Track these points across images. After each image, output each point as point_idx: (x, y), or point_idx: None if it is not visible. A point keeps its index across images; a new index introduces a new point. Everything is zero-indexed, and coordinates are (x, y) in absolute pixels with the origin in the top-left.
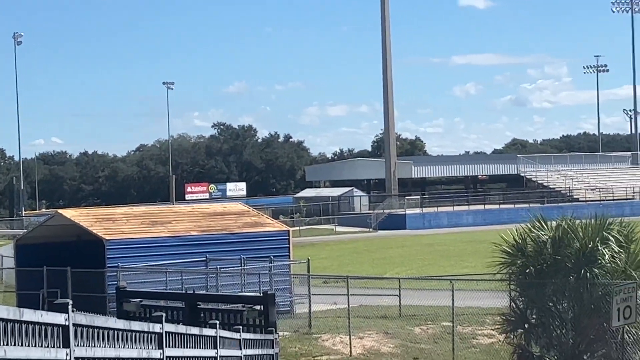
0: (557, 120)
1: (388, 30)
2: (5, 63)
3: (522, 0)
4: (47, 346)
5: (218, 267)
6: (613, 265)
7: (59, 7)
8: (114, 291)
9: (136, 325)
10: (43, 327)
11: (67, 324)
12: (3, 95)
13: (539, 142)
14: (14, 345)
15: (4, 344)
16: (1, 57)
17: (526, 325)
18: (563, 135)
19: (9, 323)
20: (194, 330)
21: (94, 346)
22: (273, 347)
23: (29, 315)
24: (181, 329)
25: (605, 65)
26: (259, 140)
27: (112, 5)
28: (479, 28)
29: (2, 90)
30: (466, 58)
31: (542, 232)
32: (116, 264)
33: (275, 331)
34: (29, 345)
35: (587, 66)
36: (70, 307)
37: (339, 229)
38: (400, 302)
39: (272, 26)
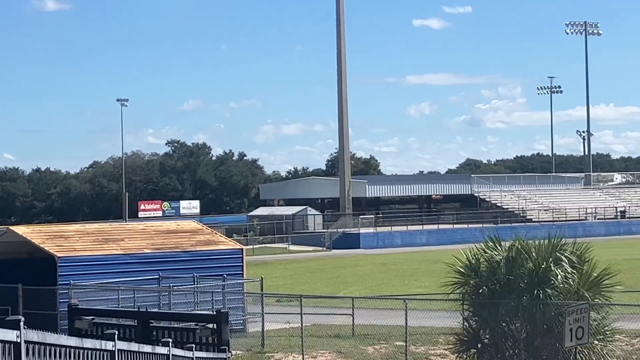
0: (510, 140)
1: (343, 49)
2: None
3: (477, 20)
4: None
5: (171, 285)
6: (566, 285)
7: (13, 21)
8: (66, 309)
9: (88, 343)
10: None
11: (18, 340)
12: None
13: (492, 163)
14: None
15: None
16: None
17: (479, 345)
18: (517, 156)
19: None
20: (147, 348)
21: None
22: None
23: None
24: (134, 346)
25: (559, 87)
26: (213, 158)
27: (66, 20)
28: (433, 48)
29: None
30: (421, 78)
31: (496, 253)
32: (68, 282)
33: (228, 350)
34: None
35: (541, 87)
36: (22, 323)
37: (293, 247)
38: (353, 322)
39: (227, 44)
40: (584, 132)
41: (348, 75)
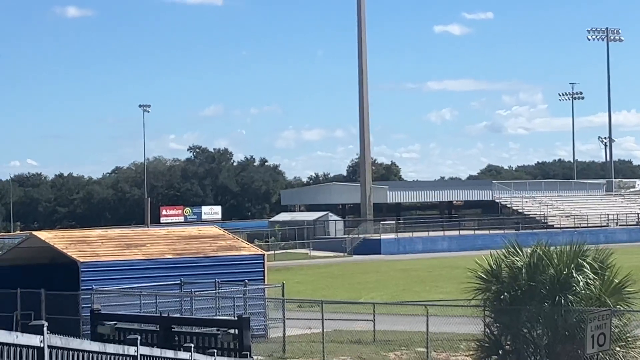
0: (532, 146)
1: (364, 55)
2: None
3: (498, 26)
4: None
5: (192, 290)
6: (588, 292)
7: (36, 27)
8: (88, 314)
9: (111, 348)
10: (18, 349)
11: (42, 345)
12: None
13: (514, 169)
14: None
15: None
16: None
17: (500, 352)
18: (538, 162)
19: None
20: (169, 354)
21: None
22: None
23: (4, 336)
24: (156, 352)
25: (581, 93)
26: (235, 163)
27: (89, 26)
28: (454, 54)
29: None
30: (442, 84)
31: (517, 259)
32: (90, 287)
33: (250, 355)
34: None
35: (562, 93)
36: (45, 328)
37: (314, 253)
38: (374, 327)
39: (247, 49)
40: (605, 138)
41: (369, 81)
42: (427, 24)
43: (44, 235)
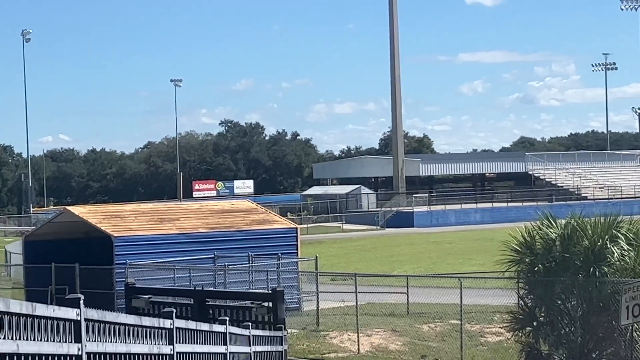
0: (565, 118)
1: (396, 28)
2: (14, 60)
3: None
4: (59, 341)
5: (226, 264)
6: (622, 263)
7: (67, 4)
8: (122, 288)
9: (147, 321)
10: (55, 322)
11: (78, 319)
12: (11, 93)
13: (547, 140)
14: (27, 339)
15: (16, 339)
16: (10, 54)
17: (534, 323)
18: (571, 134)
19: (21, 317)
20: (204, 327)
21: (105, 341)
22: (282, 344)
23: (42, 310)
24: (191, 325)
25: (614, 63)
26: (267, 137)
27: (120, 2)
28: (486, 26)
29: (11, 87)
30: (473, 56)
31: (551, 230)
32: (124, 261)
33: (284, 328)
34: (41, 340)
35: (595, 64)
36: (82, 302)
37: (347, 226)
38: (408, 300)
39: (279, 23)
40: (639, 108)
41: (400, 54)
42: None
43: (77, 210)
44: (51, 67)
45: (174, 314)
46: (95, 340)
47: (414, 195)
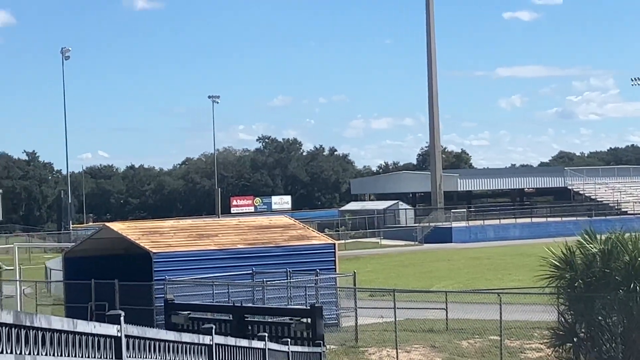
0: (604, 132)
1: (433, 43)
2: (53, 77)
3: (567, 11)
4: (100, 357)
5: (264, 279)
6: None
7: (105, 21)
8: (161, 304)
9: (186, 337)
10: (96, 338)
11: (119, 335)
12: (51, 110)
13: (586, 155)
14: (68, 356)
15: (58, 355)
16: (49, 71)
17: (575, 339)
18: (610, 148)
19: (62, 334)
20: (243, 343)
21: (146, 357)
22: None
23: (83, 326)
24: (230, 341)
25: None
26: (304, 153)
27: (158, 19)
28: (523, 40)
29: (50, 104)
30: (511, 70)
31: (591, 246)
32: (163, 277)
33: (323, 344)
34: (82, 357)
35: (634, 78)
36: (122, 318)
37: (385, 242)
38: (447, 316)
39: (315, 40)
40: None
41: (438, 69)
42: (496, 11)
43: (116, 226)
44: (90, 85)
45: (213, 330)
46: (135, 357)
47: (452, 210)
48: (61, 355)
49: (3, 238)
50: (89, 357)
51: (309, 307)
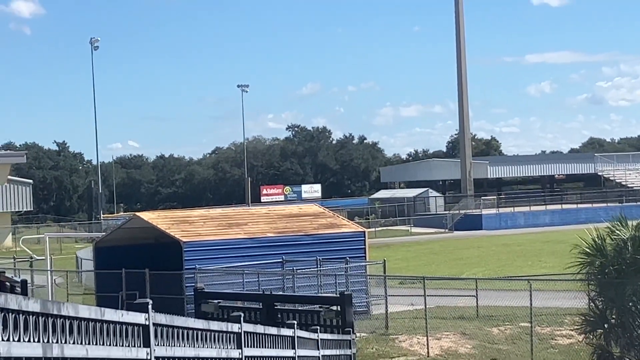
0: (634, 118)
1: (462, 30)
2: (83, 68)
3: None
4: (128, 345)
5: (294, 268)
6: None
7: (135, 11)
8: (192, 292)
9: (215, 325)
10: (124, 327)
11: (147, 323)
12: (81, 100)
13: (616, 141)
14: (96, 344)
15: (85, 343)
16: (79, 61)
17: (606, 326)
18: None
19: (90, 322)
20: (272, 331)
21: (174, 346)
22: (350, 348)
23: (110, 314)
24: (259, 329)
25: None
26: (334, 141)
27: (187, 8)
28: (553, 26)
29: (80, 94)
30: (540, 57)
31: (622, 232)
32: (193, 266)
33: (353, 332)
34: (110, 345)
35: None
36: (150, 306)
37: (415, 229)
38: (477, 303)
39: (343, 26)
40: None
41: (467, 56)
42: None
43: (147, 215)
44: (119, 74)
45: (242, 318)
46: (164, 345)
47: (482, 197)
48: (89, 343)
49: (34, 228)
50: (116, 345)
51: (338, 295)
